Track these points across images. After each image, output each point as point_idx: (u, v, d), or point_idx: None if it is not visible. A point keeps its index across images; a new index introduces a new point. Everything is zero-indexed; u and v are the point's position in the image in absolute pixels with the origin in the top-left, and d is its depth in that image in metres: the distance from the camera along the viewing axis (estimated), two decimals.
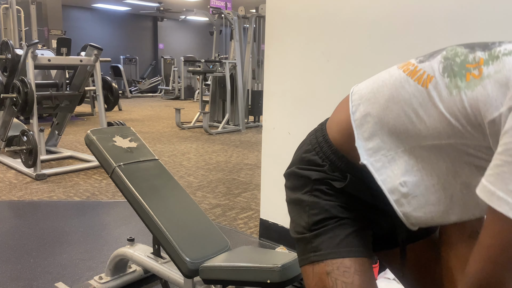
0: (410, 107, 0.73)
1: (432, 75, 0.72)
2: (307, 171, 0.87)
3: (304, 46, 2.32)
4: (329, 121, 0.92)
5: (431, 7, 1.86)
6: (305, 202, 0.87)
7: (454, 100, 0.68)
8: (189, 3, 12.90)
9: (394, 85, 0.78)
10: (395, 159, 0.76)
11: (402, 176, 0.76)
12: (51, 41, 9.22)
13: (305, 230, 0.86)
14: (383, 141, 0.77)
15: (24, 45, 4.27)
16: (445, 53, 0.74)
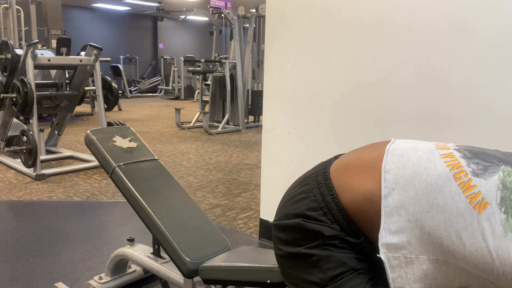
0: (454, 226, 0.67)
1: (488, 202, 0.66)
2: (318, 226, 0.80)
3: (304, 46, 2.32)
4: (339, 177, 0.82)
5: (431, 7, 1.86)
6: (315, 256, 0.79)
7: (508, 245, 0.62)
8: (189, 3, 12.90)
9: (440, 188, 0.70)
10: (413, 263, 0.71)
11: (413, 282, 0.72)
12: (51, 41, 9.22)
13: (317, 286, 0.80)
14: (409, 242, 0.71)
15: (24, 45, 4.27)
16: (503, 177, 0.67)
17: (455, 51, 1.82)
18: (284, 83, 2.43)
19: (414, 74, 1.95)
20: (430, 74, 1.90)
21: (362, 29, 2.08)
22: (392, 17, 1.98)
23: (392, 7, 1.97)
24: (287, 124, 2.44)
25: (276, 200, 2.83)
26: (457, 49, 1.82)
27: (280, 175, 2.51)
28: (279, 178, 2.52)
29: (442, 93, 1.87)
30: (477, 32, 1.75)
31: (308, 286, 0.81)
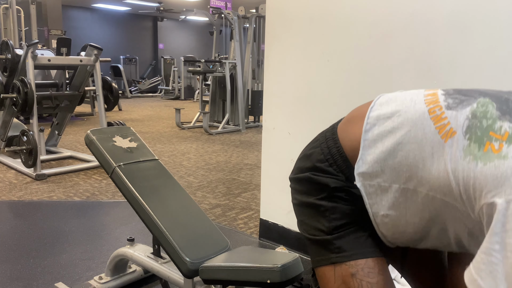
0: (422, 154, 0.74)
1: (455, 130, 0.72)
2: (325, 178, 0.87)
3: (304, 46, 2.32)
4: (342, 130, 0.90)
5: (431, 7, 1.86)
6: (323, 207, 0.87)
7: (464, 166, 0.68)
8: (189, 3, 12.90)
9: (414, 122, 0.77)
10: (387, 191, 0.79)
11: (387, 209, 0.80)
12: (51, 41, 9.22)
13: (323, 233, 0.87)
14: (383, 171, 0.79)
15: (24, 45, 4.27)
16: (475, 108, 0.72)
17: (455, 51, 1.82)
18: (284, 83, 2.43)
19: (414, 74, 1.95)
20: (430, 74, 1.90)
21: (362, 29, 2.08)
22: (392, 17, 1.98)
23: (392, 7, 1.97)
24: (287, 124, 2.44)
25: (276, 200, 2.83)
26: (457, 49, 1.82)
27: (280, 175, 2.51)
28: (279, 178, 2.52)
29: None
30: (477, 32, 1.76)
31: (316, 232, 0.88)
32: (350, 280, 0.83)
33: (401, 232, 0.82)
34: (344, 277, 0.83)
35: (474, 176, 0.67)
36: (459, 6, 1.79)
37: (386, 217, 0.81)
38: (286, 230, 2.52)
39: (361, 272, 0.82)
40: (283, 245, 2.46)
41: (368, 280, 0.82)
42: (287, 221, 2.52)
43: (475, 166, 0.67)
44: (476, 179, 0.66)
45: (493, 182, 0.64)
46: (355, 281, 0.82)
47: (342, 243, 0.85)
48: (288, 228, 2.51)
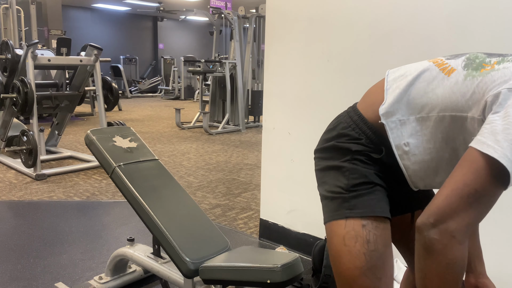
0: (430, 86, 0.93)
1: (455, 68, 0.92)
2: (348, 144, 1.01)
3: (304, 46, 2.32)
4: (361, 103, 1.07)
5: (431, 7, 1.86)
6: (344, 168, 1.00)
7: (466, 84, 0.88)
8: (189, 3, 12.90)
9: (422, 68, 0.97)
10: (406, 123, 0.95)
11: (407, 138, 0.95)
12: (51, 41, 9.22)
13: (343, 190, 1.00)
14: (401, 108, 0.96)
15: (24, 45, 4.27)
16: (468, 55, 0.94)
17: (455, 51, 1.82)
18: (284, 83, 2.43)
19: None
20: None
21: (362, 29, 2.08)
22: (392, 17, 1.98)
23: (392, 7, 1.97)
24: (287, 124, 2.44)
25: (276, 200, 2.83)
26: (457, 49, 1.82)
27: (280, 175, 2.51)
28: (279, 178, 2.52)
29: None
30: (477, 32, 1.76)
31: (336, 189, 1.01)
32: (360, 229, 0.97)
33: (420, 161, 0.96)
34: (355, 226, 0.97)
35: (476, 85, 0.86)
36: (459, 6, 1.79)
37: (407, 145, 0.96)
38: (286, 230, 2.52)
39: (370, 225, 0.97)
40: (283, 245, 2.46)
41: (375, 232, 0.97)
42: (287, 221, 2.52)
43: (475, 80, 0.87)
44: (478, 87, 0.86)
45: (491, 84, 0.84)
46: (364, 230, 0.97)
47: (356, 202, 0.98)
48: (288, 228, 2.51)
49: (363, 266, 0.96)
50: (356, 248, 0.97)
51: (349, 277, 0.98)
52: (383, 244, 0.97)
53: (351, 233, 0.97)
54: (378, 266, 0.96)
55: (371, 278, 0.96)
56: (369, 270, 0.96)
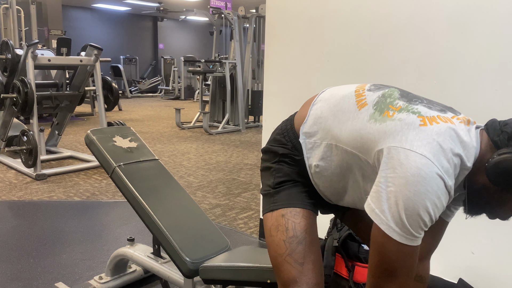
0: (343, 117, 1.02)
1: (367, 103, 1.00)
2: (276, 147, 1.15)
3: (304, 46, 2.32)
4: (296, 114, 1.18)
5: (431, 7, 1.86)
6: (272, 168, 1.15)
7: (367, 126, 0.96)
8: (189, 3, 12.90)
9: (342, 97, 1.07)
10: (319, 146, 1.06)
11: (318, 160, 1.07)
12: (51, 41, 9.21)
13: (270, 188, 1.14)
14: (317, 132, 1.07)
15: (24, 45, 4.27)
16: (386, 91, 1.02)
17: (455, 51, 1.82)
18: (284, 83, 2.43)
19: (414, 74, 1.95)
20: (430, 74, 1.90)
21: (362, 29, 2.08)
22: (392, 17, 1.98)
23: (392, 7, 1.97)
24: None
25: None
26: (457, 49, 1.82)
27: None
28: None
29: (442, 93, 1.87)
30: (477, 32, 1.76)
31: (266, 188, 1.16)
32: (280, 219, 1.09)
33: (329, 181, 1.08)
34: (277, 217, 1.10)
35: (372, 132, 0.94)
36: (459, 6, 1.79)
37: (317, 167, 1.07)
38: None
39: (289, 214, 1.09)
40: None
41: (293, 220, 1.08)
42: None
43: (373, 125, 0.95)
44: (373, 134, 0.93)
45: (383, 136, 0.91)
46: (283, 219, 1.09)
47: (279, 196, 1.12)
48: None
49: (284, 253, 1.06)
50: (277, 237, 1.08)
51: (275, 265, 1.09)
52: (303, 230, 1.07)
53: (274, 224, 1.10)
54: (298, 251, 1.05)
55: (292, 263, 1.05)
56: (289, 256, 1.05)
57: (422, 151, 0.84)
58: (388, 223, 0.85)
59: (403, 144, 0.86)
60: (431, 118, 0.90)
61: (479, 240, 1.84)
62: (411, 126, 0.89)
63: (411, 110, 0.93)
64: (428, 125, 0.88)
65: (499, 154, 0.86)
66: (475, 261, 1.88)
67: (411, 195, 0.82)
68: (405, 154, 0.85)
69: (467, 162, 0.89)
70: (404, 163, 0.84)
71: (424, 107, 0.94)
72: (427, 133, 0.87)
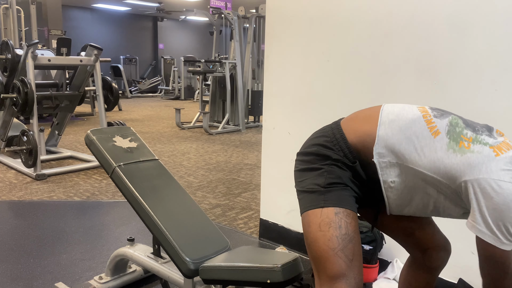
0: (420, 143, 1.11)
1: (440, 131, 1.10)
2: (329, 151, 1.20)
3: (304, 46, 2.32)
4: (346, 124, 1.24)
5: (431, 7, 1.86)
6: (323, 169, 1.19)
7: (449, 156, 1.07)
8: (189, 3, 12.90)
9: (412, 121, 1.14)
10: (393, 166, 1.15)
11: (394, 177, 1.16)
12: (51, 41, 9.22)
13: (320, 187, 1.18)
14: (390, 153, 1.15)
15: (24, 45, 4.27)
16: (451, 120, 1.12)
17: (455, 51, 1.82)
18: (284, 83, 2.43)
19: (414, 74, 1.95)
20: (430, 74, 1.90)
21: (362, 29, 2.08)
22: (392, 17, 1.98)
23: (392, 7, 1.97)
24: (287, 124, 2.44)
25: (276, 200, 2.83)
26: (457, 49, 1.82)
27: (280, 175, 2.51)
28: (279, 178, 2.52)
29: (442, 93, 1.87)
30: (477, 32, 1.76)
31: (313, 186, 1.19)
32: (333, 216, 1.14)
33: (400, 194, 1.17)
34: (328, 214, 1.14)
35: (456, 163, 1.05)
36: (459, 6, 1.79)
37: (393, 182, 1.16)
38: (286, 230, 2.52)
39: (342, 213, 1.14)
40: (283, 245, 2.46)
41: (346, 220, 1.14)
42: (287, 221, 2.52)
43: (455, 156, 1.06)
44: (457, 165, 1.05)
45: (468, 167, 1.03)
46: (337, 217, 1.14)
47: (330, 195, 1.17)
48: (288, 228, 2.51)
49: (336, 248, 1.12)
50: (330, 233, 1.13)
51: (324, 258, 1.13)
52: (353, 230, 1.14)
53: (325, 220, 1.14)
54: (349, 248, 1.12)
55: (344, 258, 1.11)
56: (341, 251, 1.12)
57: (509, 179, 1.00)
58: (501, 240, 1.02)
59: (490, 175, 1.01)
60: (498, 147, 1.05)
61: None
62: (489, 158, 1.03)
63: (482, 141, 1.06)
64: (500, 154, 1.03)
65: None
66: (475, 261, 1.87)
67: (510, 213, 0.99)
68: (496, 184, 1.00)
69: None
70: (499, 192, 0.99)
71: (487, 136, 1.08)
72: (504, 161, 1.02)
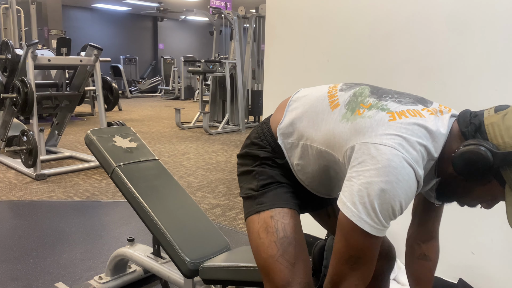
0: (317, 119, 1.05)
1: (339, 103, 1.04)
2: (257, 151, 1.16)
3: (304, 46, 2.32)
4: (272, 117, 1.20)
5: (431, 7, 1.86)
6: (255, 171, 1.15)
7: (339, 125, 0.99)
8: (189, 3, 12.90)
9: (316, 99, 1.10)
10: (297, 146, 1.09)
11: (298, 159, 1.10)
12: (51, 41, 9.22)
13: (253, 191, 1.14)
14: (294, 132, 1.09)
15: (24, 45, 4.26)
16: (357, 90, 1.05)
17: (455, 51, 1.82)
18: (284, 83, 2.43)
19: (414, 74, 1.95)
20: (430, 74, 1.90)
21: (362, 29, 2.08)
22: (392, 17, 1.98)
23: (392, 7, 1.97)
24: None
25: None
26: (457, 49, 1.82)
27: None
28: None
29: (442, 93, 1.87)
30: (477, 32, 1.76)
31: (248, 191, 1.15)
32: (269, 220, 1.09)
33: (311, 177, 1.11)
34: (265, 219, 1.09)
35: (344, 131, 0.96)
36: (459, 6, 1.79)
37: (298, 165, 1.11)
38: None
39: (278, 215, 1.09)
40: None
41: (282, 221, 1.08)
42: None
43: (345, 124, 0.97)
44: (344, 133, 0.96)
45: (353, 133, 0.94)
46: (272, 221, 1.08)
47: (264, 198, 1.12)
48: None
49: (275, 254, 1.05)
50: (268, 239, 1.07)
51: (266, 267, 1.07)
52: (292, 230, 1.08)
53: (262, 226, 1.09)
54: (289, 252, 1.05)
55: (285, 264, 1.05)
56: (281, 256, 1.05)
57: (391, 144, 0.86)
58: (360, 214, 0.86)
59: (373, 139, 0.89)
60: (400, 113, 0.93)
61: (479, 240, 1.84)
62: (380, 122, 0.91)
63: (380, 106, 0.95)
64: (397, 119, 0.91)
65: (464, 145, 0.88)
66: (475, 261, 1.88)
67: (383, 185, 0.84)
68: (375, 148, 0.87)
69: (434, 153, 0.91)
70: (374, 156, 0.86)
71: (394, 102, 0.96)
72: (396, 127, 0.89)
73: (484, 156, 0.84)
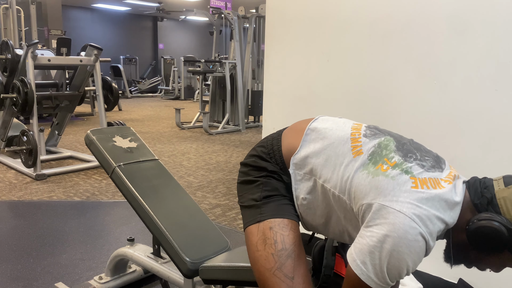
0: (337, 161, 1.04)
1: (363, 152, 1.02)
2: (265, 163, 1.16)
3: (304, 46, 2.32)
4: (285, 135, 1.19)
5: (431, 7, 1.86)
6: (259, 181, 1.15)
7: (359, 175, 0.98)
8: (189, 3, 12.90)
9: (338, 139, 1.08)
10: (307, 180, 1.09)
11: (305, 193, 1.10)
12: (51, 41, 9.21)
13: (256, 201, 1.13)
14: (308, 165, 1.08)
15: (24, 45, 4.27)
16: (382, 141, 1.04)
17: (455, 51, 1.82)
18: (284, 83, 2.43)
19: (414, 74, 1.95)
20: (430, 74, 1.90)
21: (362, 29, 2.08)
22: (392, 17, 1.98)
23: (392, 7, 1.98)
24: (287, 124, 2.43)
25: None
26: (457, 49, 1.82)
27: None
28: None
29: (442, 93, 1.87)
30: (477, 32, 1.76)
31: (250, 202, 1.14)
32: (268, 231, 1.07)
33: (313, 214, 1.10)
34: (264, 230, 1.08)
35: (363, 184, 0.96)
36: (458, 7, 1.79)
37: (304, 199, 1.10)
38: None
39: (277, 226, 1.08)
40: None
41: (282, 232, 1.07)
42: None
43: (366, 176, 0.97)
44: (364, 186, 0.96)
45: (374, 191, 0.94)
46: (271, 232, 1.07)
47: (266, 208, 1.11)
48: None
49: (273, 267, 1.03)
50: (265, 251, 1.05)
51: (263, 280, 1.05)
52: (291, 243, 1.06)
53: (261, 238, 1.07)
54: (287, 265, 1.03)
55: (282, 278, 1.02)
56: (278, 270, 1.03)
57: (410, 214, 0.88)
58: (368, 273, 0.90)
59: (393, 204, 0.90)
60: (423, 181, 0.94)
61: None
62: (403, 187, 0.92)
63: (405, 169, 0.96)
64: (419, 188, 0.92)
65: (479, 219, 0.92)
66: None
67: (395, 254, 0.88)
68: (394, 215, 0.89)
69: (450, 222, 0.95)
70: (392, 223, 0.89)
71: (418, 166, 0.97)
72: (417, 196, 0.91)
73: (499, 231, 0.89)
